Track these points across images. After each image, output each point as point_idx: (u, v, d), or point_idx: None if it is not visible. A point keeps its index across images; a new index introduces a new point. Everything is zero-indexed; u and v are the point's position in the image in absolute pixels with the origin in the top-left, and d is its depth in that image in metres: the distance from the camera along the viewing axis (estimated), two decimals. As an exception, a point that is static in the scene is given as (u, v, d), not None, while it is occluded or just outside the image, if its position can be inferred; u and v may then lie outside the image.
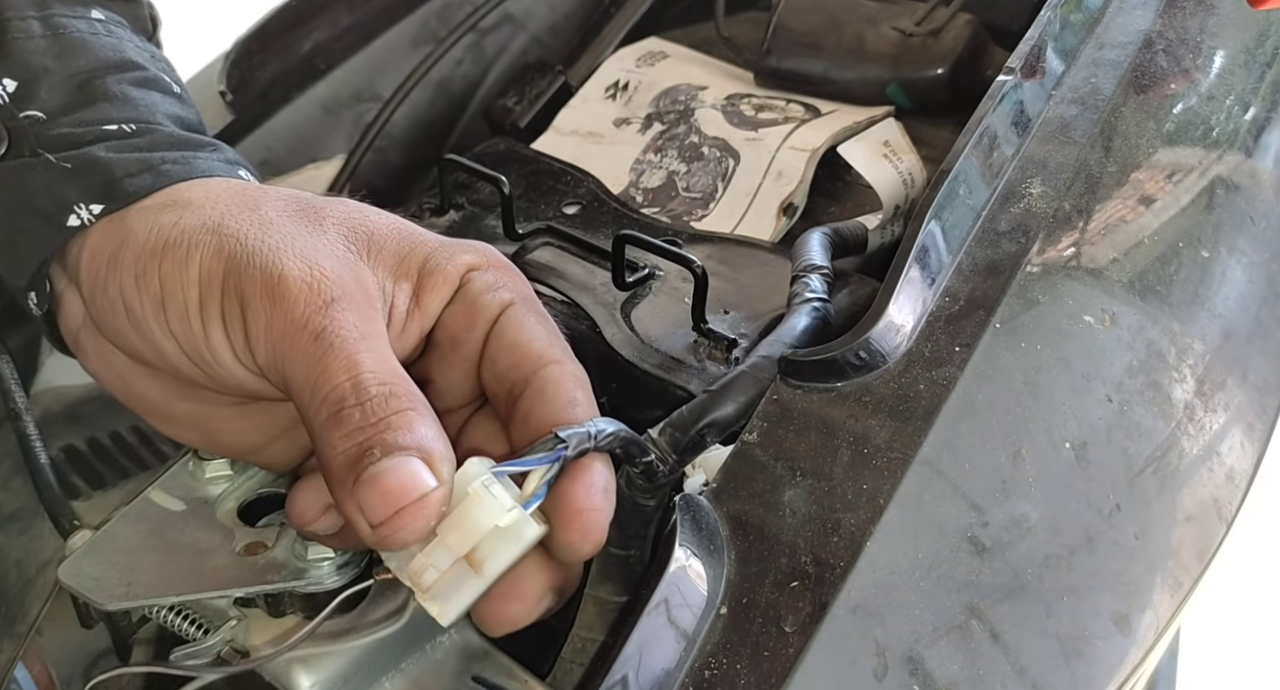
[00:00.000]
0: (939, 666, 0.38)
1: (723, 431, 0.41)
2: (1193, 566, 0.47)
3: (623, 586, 0.42)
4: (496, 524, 0.31)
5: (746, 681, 0.35)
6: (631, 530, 0.41)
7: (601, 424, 0.34)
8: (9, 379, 0.46)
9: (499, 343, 0.36)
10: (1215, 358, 0.51)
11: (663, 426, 0.40)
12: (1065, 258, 0.47)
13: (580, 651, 0.42)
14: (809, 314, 0.45)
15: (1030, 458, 0.42)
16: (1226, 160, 0.57)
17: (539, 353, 0.35)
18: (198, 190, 0.37)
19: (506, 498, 0.31)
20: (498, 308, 0.36)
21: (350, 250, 0.35)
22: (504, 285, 0.37)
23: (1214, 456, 0.49)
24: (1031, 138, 0.51)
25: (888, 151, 0.60)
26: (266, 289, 0.33)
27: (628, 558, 0.42)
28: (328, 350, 0.32)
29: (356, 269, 0.34)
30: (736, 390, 0.42)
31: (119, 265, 0.35)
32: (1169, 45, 0.57)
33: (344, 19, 0.72)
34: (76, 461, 0.59)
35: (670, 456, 0.40)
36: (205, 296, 0.34)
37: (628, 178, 0.66)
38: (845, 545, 0.38)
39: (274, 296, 0.32)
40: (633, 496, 0.40)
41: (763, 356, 0.43)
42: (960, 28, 0.66)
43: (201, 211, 0.35)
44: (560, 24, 0.79)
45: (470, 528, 0.31)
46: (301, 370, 0.32)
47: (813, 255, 0.49)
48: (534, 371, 0.35)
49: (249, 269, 0.33)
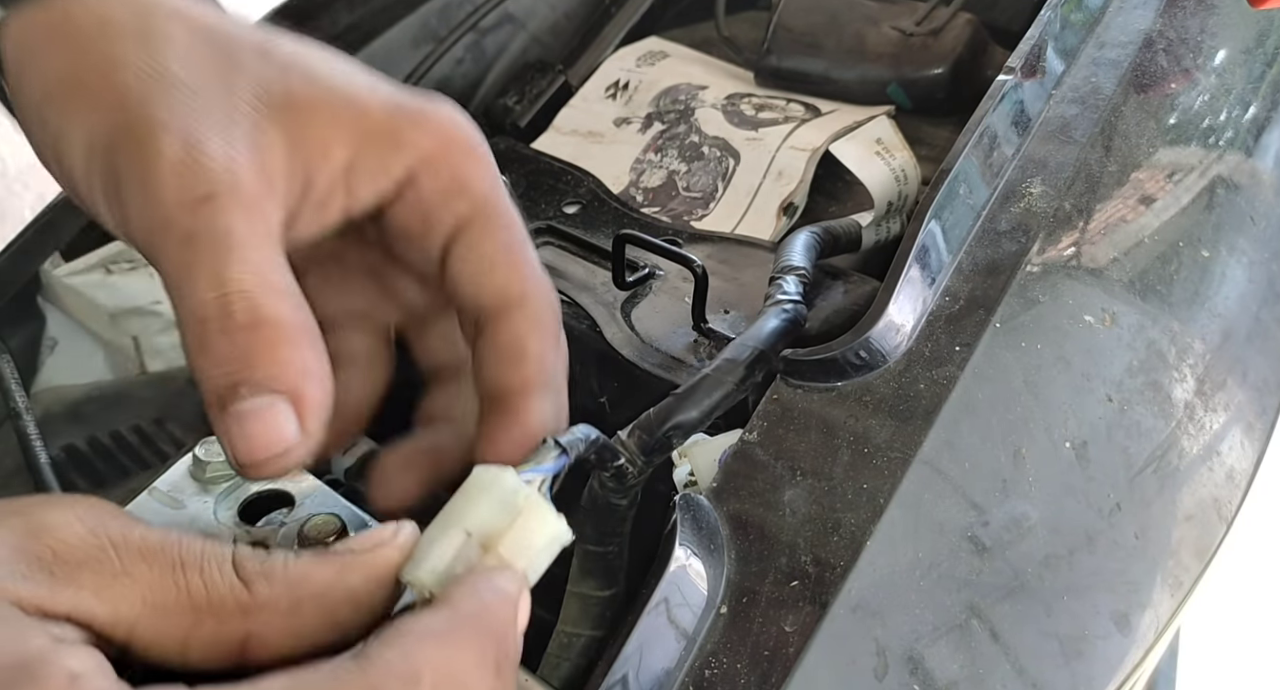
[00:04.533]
0: (939, 666, 0.38)
1: (688, 434, 0.41)
2: (1193, 566, 0.47)
3: (604, 581, 0.43)
4: (551, 537, 0.31)
5: (746, 681, 0.35)
6: (607, 528, 0.42)
7: (582, 431, 0.34)
8: (9, 379, 0.46)
9: (456, 268, 0.33)
10: (1215, 357, 0.51)
11: (631, 428, 0.41)
12: (1065, 257, 0.47)
13: (566, 647, 0.42)
14: (778, 316, 0.45)
15: (1030, 457, 0.42)
16: (1227, 160, 0.57)
17: (495, 293, 0.32)
18: (92, 11, 0.31)
19: (551, 509, 0.31)
20: (451, 223, 0.32)
21: (257, 122, 0.30)
22: (460, 189, 0.32)
23: (1214, 456, 0.49)
24: (1032, 137, 0.51)
25: (880, 149, 0.60)
26: (137, 173, 0.28)
27: (606, 554, 0.42)
28: (194, 259, 0.28)
29: (258, 148, 0.29)
30: (700, 393, 0.42)
31: (24, 92, 0.31)
32: (1169, 45, 0.57)
33: (344, 19, 0.72)
34: (77, 461, 0.59)
35: (639, 458, 0.40)
36: (88, 164, 0.30)
37: (628, 177, 0.66)
38: (845, 545, 0.38)
39: (144, 184, 0.28)
40: (605, 496, 0.41)
41: (727, 359, 0.43)
42: (960, 27, 0.66)
43: (92, 49, 0.30)
44: (560, 23, 0.79)
45: (529, 546, 0.30)
46: (170, 276, 0.28)
47: (792, 257, 0.49)
48: (490, 319, 0.33)
49: (125, 143, 0.29)
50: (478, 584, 0.28)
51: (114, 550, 0.27)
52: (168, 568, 0.27)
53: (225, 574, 0.27)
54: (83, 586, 0.26)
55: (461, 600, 0.27)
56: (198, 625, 0.27)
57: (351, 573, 0.29)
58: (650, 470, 0.41)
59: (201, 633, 0.27)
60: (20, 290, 0.66)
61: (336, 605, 0.28)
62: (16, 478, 0.57)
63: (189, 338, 0.28)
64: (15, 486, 0.56)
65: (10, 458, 0.57)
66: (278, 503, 0.40)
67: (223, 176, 0.28)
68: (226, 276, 0.28)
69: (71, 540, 0.26)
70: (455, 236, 0.33)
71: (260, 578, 0.28)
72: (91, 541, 0.27)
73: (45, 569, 0.26)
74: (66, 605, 0.26)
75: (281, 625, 0.28)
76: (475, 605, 0.27)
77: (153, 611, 0.27)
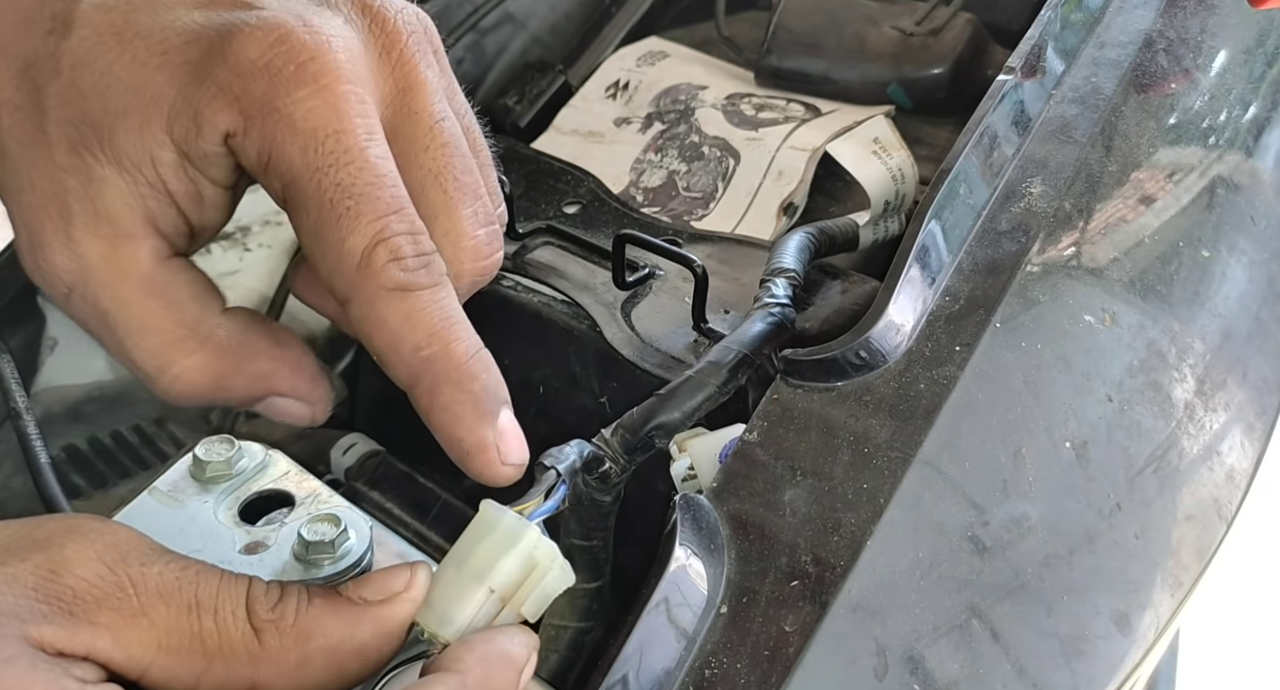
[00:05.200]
0: (939, 666, 0.38)
1: (670, 434, 0.42)
2: (1193, 566, 0.47)
3: (590, 575, 0.43)
4: (561, 584, 0.32)
5: (746, 681, 0.35)
6: (591, 523, 0.42)
7: (574, 449, 0.36)
8: (9, 379, 0.46)
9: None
10: (1215, 357, 0.51)
11: (615, 427, 0.41)
12: (1065, 257, 0.47)
13: (554, 640, 0.42)
14: (764, 319, 0.45)
15: (1030, 457, 0.42)
16: (1227, 160, 0.57)
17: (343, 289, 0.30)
18: None
19: (560, 556, 0.32)
20: (280, 194, 0.30)
21: (82, 156, 0.29)
22: (268, 166, 0.29)
23: (1214, 456, 0.49)
24: (1032, 137, 0.51)
25: (877, 148, 0.60)
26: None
27: (591, 548, 0.43)
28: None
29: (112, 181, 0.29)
30: (683, 395, 0.42)
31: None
32: (1169, 45, 0.57)
33: (344, 18, 0.72)
34: (77, 461, 0.59)
35: (622, 457, 0.41)
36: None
37: (628, 177, 0.66)
38: (845, 544, 0.38)
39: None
40: (589, 493, 0.41)
41: (710, 362, 0.43)
42: (961, 27, 0.66)
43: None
44: (561, 23, 0.79)
45: (543, 598, 0.32)
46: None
47: (783, 258, 0.49)
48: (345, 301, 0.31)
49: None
50: (489, 653, 0.29)
51: (133, 589, 0.28)
52: (183, 609, 0.28)
53: (238, 618, 0.28)
54: (100, 626, 0.27)
55: (470, 669, 0.29)
56: (208, 671, 0.28)
57: (362, 626, 0.30)
58: (633, 468, 0.41)
59: (211, 678, 0.28)
60: (20, 290, 0.66)
61: (345, 659, 0.29)
62: (16, 478, 0.57)
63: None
64: (16, 486, 0.57)
65: (10, 458, 0.57)
66: (277, 503, 0.40)
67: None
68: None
69: (91, 578, 0.27)
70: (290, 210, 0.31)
71: (271, 627, 0.29)
72: (110, 579, 0.28)
73: (65, 609, 0.27)
74: (85, 646, 0.27)
75: (289, 677, 0.29)
76: (482, 674, 0.29)
77: (167, 655, 0.28)
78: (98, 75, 0.29)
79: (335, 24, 0.30)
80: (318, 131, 0.29)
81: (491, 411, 0.30)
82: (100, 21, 0.30)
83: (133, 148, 0.29)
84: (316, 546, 0.36)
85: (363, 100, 0.30)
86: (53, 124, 0.29)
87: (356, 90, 0.30)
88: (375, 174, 0.29)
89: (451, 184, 0.32)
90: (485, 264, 0.33)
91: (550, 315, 0.53)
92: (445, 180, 0.31)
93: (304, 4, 0.30)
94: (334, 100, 0.29)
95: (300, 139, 0.29)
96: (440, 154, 0.31)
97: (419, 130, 0.31)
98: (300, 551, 0.36)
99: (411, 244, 0.29)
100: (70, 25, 0.30)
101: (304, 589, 0.30)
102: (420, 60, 0.32)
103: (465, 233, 0.32)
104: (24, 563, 0.27)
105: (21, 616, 0.26)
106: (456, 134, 0.32)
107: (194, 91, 0.29)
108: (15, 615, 0.26)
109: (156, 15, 0.30)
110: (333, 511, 0.37)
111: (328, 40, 0.29)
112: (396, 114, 0.31)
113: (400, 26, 0.32)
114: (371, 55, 0.31)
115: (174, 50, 0.29)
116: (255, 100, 0.29)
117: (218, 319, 0.32)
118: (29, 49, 0.30)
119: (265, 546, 0.37)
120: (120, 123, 0.29)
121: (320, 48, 0.29)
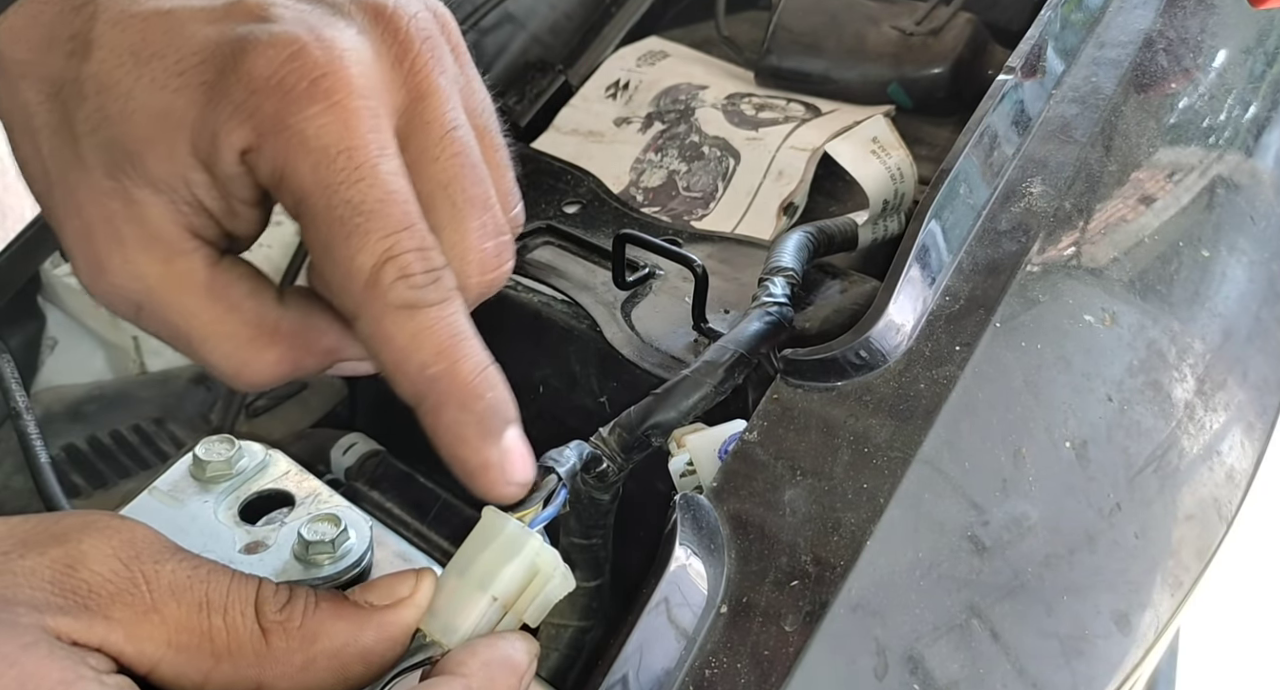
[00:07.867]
0: (939, 665, 0.38)
1: (666, 433, 0.42)
2: (1193, 566, 0.47)
3: (590, 573, 0.43)
4: (562, 590, 0.32)
5: (746, 680, 0.35)
6: (591, 521, 0.42)
7: (574, 451, 0.36)
8: (9, 378, 0.46)
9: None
10: (1215, 357, 0.51)
11: (612, 426, 0.41)
12: (1065, 257, 0.47)
13: (554, 638, 0.43)
14: (761, 318, 0.45)
15: (1030, 457, 0.42)
16: (1227, 159, 0.57)
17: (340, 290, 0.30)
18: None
19: (562, 563, 0.32)
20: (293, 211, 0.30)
21: (114, 177, 0.30)
22: (279, 184, 0.29)
23: (1214, 456, 0.49)
24: (1032, 137, 0.51)
25: (876, 148, 0.60)
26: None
27: (591, 546, 0.43)
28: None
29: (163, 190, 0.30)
30: (679, 394, 0.42)
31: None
32: (1169, 44, 0.57)
33: (344, 18, 0.72)
34: (77, 460, 0.59)
35: (619, 456, 0.41)
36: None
37: (628, 177, 0.66)
38: (845, 544, 0.38)
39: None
40: (588, 492, 0.42)
41: (707, 362, 0.43)
42: (961, 27, 0.66)
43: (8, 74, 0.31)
44: (561, 23, 0.78)
45: (545, 604, 0.32)
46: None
47: (781, 258, 0.49)
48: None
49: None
50: (492, 658, 0.30)
51: (146, 586, 0.28)
52: (194, 607, 0.29)
53: (247, 618, 0.29)
54: (114, 621, 0.28)
55: (474, 673, 0.29)
56: (215, 669, 0.29)
57: (367, 630, 0.30)
58: (630, 467, 0.41)
59: (218, 676, 0.29)
60: (20, 290, 0.66)
61: (349, 662, 0.30)
62: (16, 477, 0.57)
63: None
64: (16, 486, 0.57)
65: (10, 458, 0.57)
66: (277, 503, 0.40)
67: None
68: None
69: (106, 574, 0.28)
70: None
71: (278, 628, 0.29)
72: (125, 576, 0.28)
73: (81, 603, 0.28)
74: (98, 639, 0.27)
75: (293, 678, 0.29)
76: (485, 678, 0.29)
77: (176, 652, 0.28)
78: (121, 100, 0.29)
79: (348, 35, 0.30)
80: (329, 148, 0.29)
81: (496, 431, 0.30)
82: (118, 41, 0.30)
83: (165, 172, 0.30)
84: (316, 546, 0.36)
85: (375, 114, 0.30)
86: (87, 149, 0.30)
87: (369, 104, 0.29)
88: (386, 191, 0.29)
89: (460, 196, 0.32)
90: (492, 277, 0.33)
91: (550, 315, 0.53)
92: (454, 192, 0.31)
93: (317, 14, 0.30)
94: (346, 116, 0.29)
95: (312, 156, 0.29)
96: (450, 165, 0.31)
97: (430, 140, 0.31)
98: (300, 551, 0.36)
99: (420, 260, 0.29)
100: (90, 47, 0.30)
101: (311, 591, 0.31)
102: (434, 67, 0.32)
103: (472, 246, 0.32)
104: (42, 556, 0.28)
105: (39, 607, 0.27)
106: (468, 144, 0.32)
107: (211, 114, 0.29)
108: (33, 606, 0.27)
109: (171, 31, 0.30)
110: (333, 511, 0.37)
111: (340, 55, 0.29)
112: (409, 123, 0.31)
113: (414, 34, 0.31)
114: (384, 65, 0.31)
115: (190, 71, 0.29)
116: (268, 117, 0.29)
117: (280, 310, 0.33)
118: (55, 71, 0.30)
119: (265, 546, 0.37)
120: (148, 149, 0.29)
121: (333, 63, 0.29)
